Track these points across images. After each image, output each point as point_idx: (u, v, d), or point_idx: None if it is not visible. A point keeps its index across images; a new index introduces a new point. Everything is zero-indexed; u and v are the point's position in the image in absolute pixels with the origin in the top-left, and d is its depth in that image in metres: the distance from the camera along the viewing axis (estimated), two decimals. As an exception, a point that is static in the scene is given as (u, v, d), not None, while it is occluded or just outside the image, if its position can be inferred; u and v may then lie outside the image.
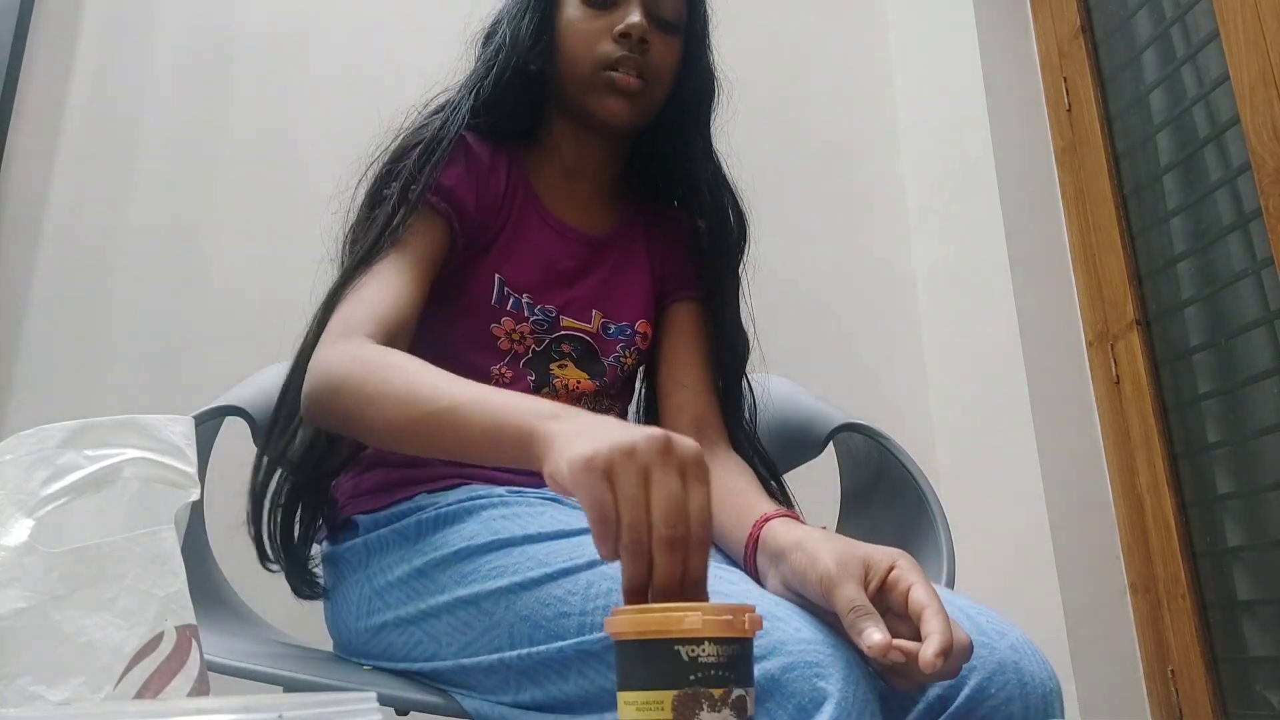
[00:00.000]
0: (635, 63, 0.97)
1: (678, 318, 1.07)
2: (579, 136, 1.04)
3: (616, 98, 0.97)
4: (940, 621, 0.61)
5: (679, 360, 1.04)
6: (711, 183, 1.05)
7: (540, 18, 1.00)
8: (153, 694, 0.54)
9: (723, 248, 1.05)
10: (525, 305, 0.97)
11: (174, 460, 0.58)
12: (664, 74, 1.00)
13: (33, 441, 0.57)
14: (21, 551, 0.53)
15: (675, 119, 1.04)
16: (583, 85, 0.98)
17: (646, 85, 0.98)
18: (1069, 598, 1.68)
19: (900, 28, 2.35)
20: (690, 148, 1.04)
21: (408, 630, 0.81)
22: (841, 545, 0.68)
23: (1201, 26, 1.65)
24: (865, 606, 0.62)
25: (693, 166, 1.05)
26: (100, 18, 1.88)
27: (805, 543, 0.69)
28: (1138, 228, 1.79)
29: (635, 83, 0.97)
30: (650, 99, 1.00)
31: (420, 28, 2.02)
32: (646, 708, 0.49)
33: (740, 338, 1.05)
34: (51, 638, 0.53)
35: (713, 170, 1.06)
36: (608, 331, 1.02)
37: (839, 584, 0.64)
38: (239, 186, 1.86)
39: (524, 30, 1.00)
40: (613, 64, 0.97)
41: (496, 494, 0.85)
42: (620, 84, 0.97)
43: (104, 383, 1.69)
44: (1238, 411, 1.58)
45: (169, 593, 0.56)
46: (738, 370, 1.04)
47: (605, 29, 0.97)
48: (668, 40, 1.00)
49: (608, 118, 0.98)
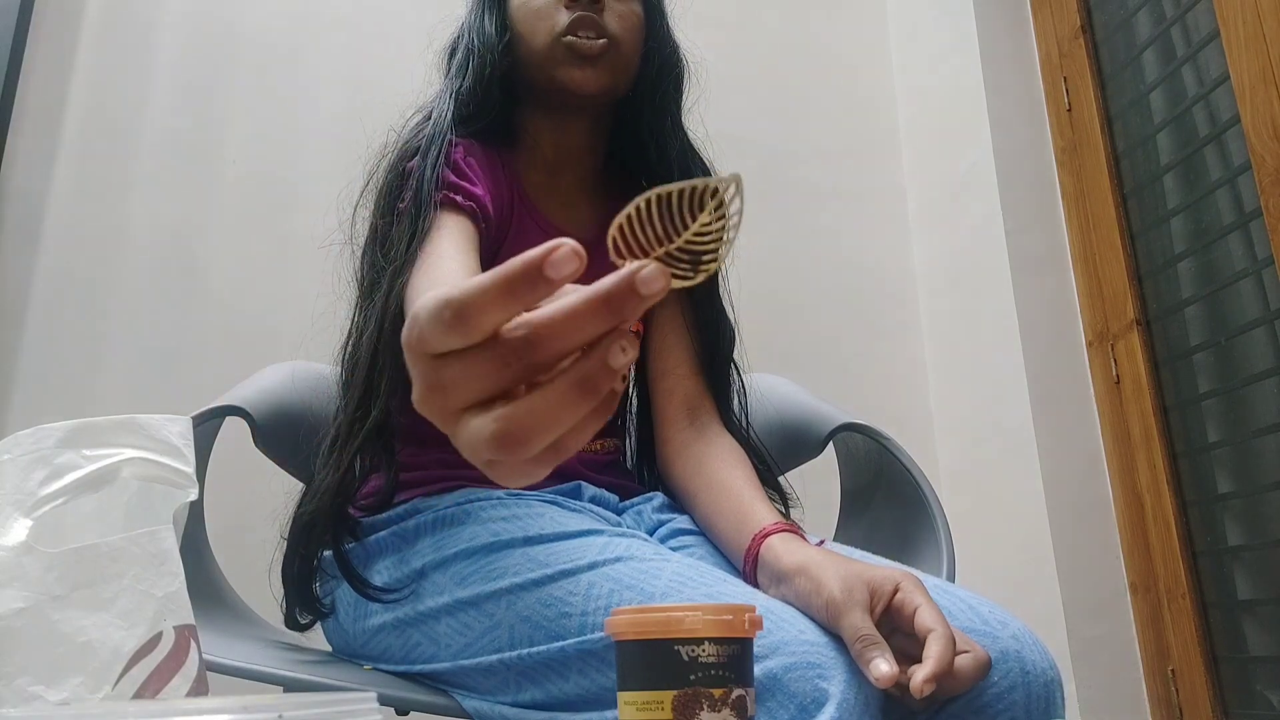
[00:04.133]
0: (591, 22, 0.95)
1: (660, 306, 1.06)
2: (555, 126, 1.03)
3: (580, 66, 0.95)
4: (940, 646, 0.61)
5: (666, 344, 1.04)
6: (680, 159, 1.04)
7: (499, 14, 1.00)
8: (151, 694, 0.54)
9: None
10: None
11: (172, 460, 0.58)
12: (626, 36, 0.98)
13: (31, 441, 0.57)
14: (20, 551, 0.53)
15: (648, 98, 1.03)
16: (545, 61, 0.97)
17: (609, 46, 0.96)
18: (1069, 598, 1.68)
19: (900, 28, 2.35)
20: (660, 125, 1.03)
21: (405, 632, 0.81)
22: (845, 568, 0.67)
23: (1201, 26, 1.65)
24: (872, 636, 0.62)
25: (663, 144, 1.03)
26: (100, 18, 1.88)
27: (808, 567, 0.69)
28: (1138, 228, 1.79)
29: (597, 45, 0.95)
30: (615, 62, 0.98)
31: (420, 28, 2.02)
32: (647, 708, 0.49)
33: (724, 322, 1.04)
34: (50, 637, 0.53)
35: (682, 146, 1.05)
36: None
37: (845, 612, 0.64)
38: (239, 186, 1.86)
39: (488, 29, 0.99)
40: (569, 29, 0.95)
41: (495, 496, 0.85)
42: (581, 49, 0.95)
43: (104, 383, 1.69)
44: (1238, 411, 1.57)
45: (167, 592, 0.56)
46: (725, 355, 1.03)
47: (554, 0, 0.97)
48: (624, 1, 0.99)
49: (576, 88, 0.96)
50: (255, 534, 0.93)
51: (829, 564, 0.69)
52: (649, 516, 0.95)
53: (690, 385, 1.01)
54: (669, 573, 0.70)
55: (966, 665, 0.63)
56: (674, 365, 1.02)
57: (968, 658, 0.63)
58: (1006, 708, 0.68)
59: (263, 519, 0.94)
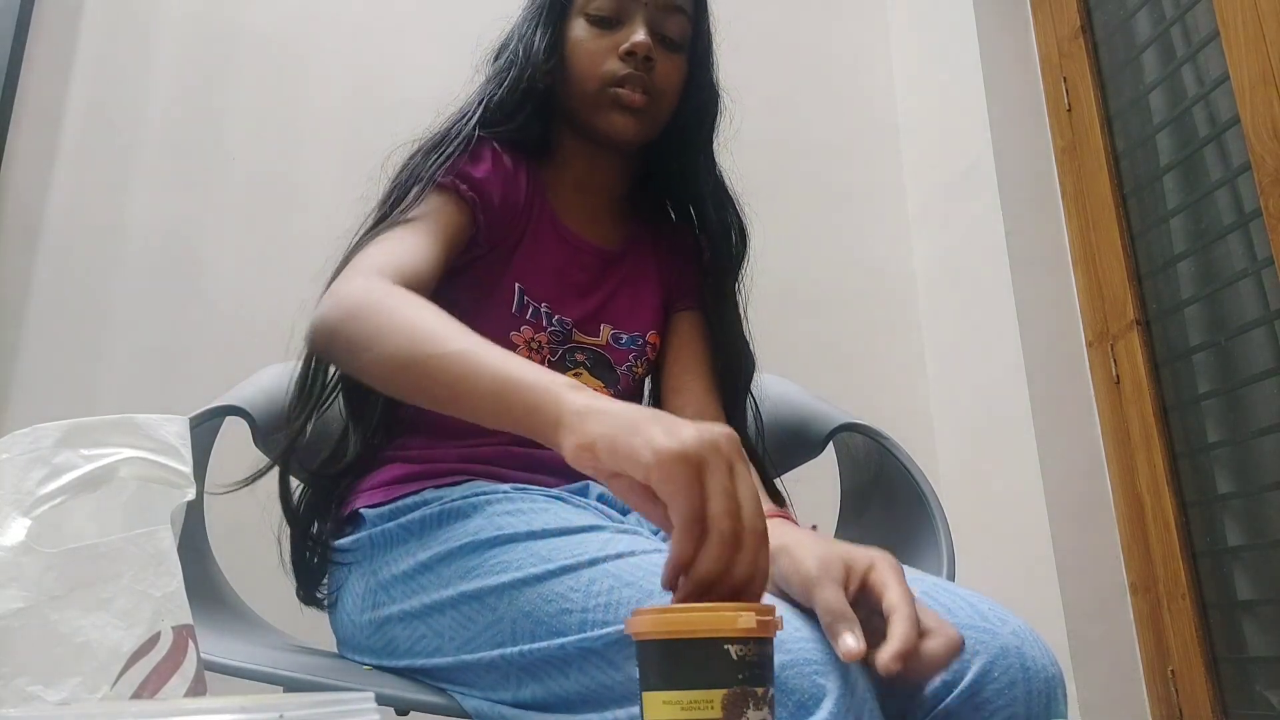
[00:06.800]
0: (640, 80, 0.99)
1: (681, 326, 1.09)
2: (589, 152, 1.06)
3: (622, 114, 1.00)
4: (904, 626, 0.61)
5: (682, 367, 1.06)
6: (715, 198, 1.08)
7: (551, 35, 1.03)
8: (150, 694, 0.54)
9: (725, 263, 1.08)
10: (544, 315, 0.99)
11: (170, 460, 0.58)
12: (668, 91, 1.03)
13: (28, 441, 0.57)
14: (18, 551, 0.53)
15: (680, 136, 1.07)
16: (590, 102, 1.01)
17: (651, 102, 1.01)
18: (1069, 598, 1.68)
19: (900, 28, 2.35)
20: (695, 165, 1.07)
21: (411, 624, 0.81)
22: (824, 547, 0.68)
23: (1201, 26, 1.65)
24: (842, 611, 0.63)
25: (697, 183, 1.08)
26: (100, 18, 1.88)
27: (791, 546, 0.70)
28: (1138, 228, 1.79)
29: (640, 99, 0.99)
30: (655, 115, 1.02)
31: (420, 28, 2.02)
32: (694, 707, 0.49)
33: (745, 353, 1.07)
34: (48, 637, 0.53)
35: (715, 186, 1.09)
36: (619, 342, 1.04)
37: (818, 586, 0.65)
38: (239, 186, 1.86)
39: (536, 46, 1.02)
40: (618, 81, 0.99)
41: (501, 490, 0.86)
42: (626, 100, 0.99)
43: (103, 383, 1.69)
44: (1238, 411, 1.57)
45: (165, 592, 0.56)
46: (742, 385, 1.06)
47: (611, 47, 1.00)
48: (672, 59, 1.03)
49: (614, 134, 1.01)
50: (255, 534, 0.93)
51: (810, 543, 0.70)
52: None
53: (704, 408, 1.02)
54: (667, 570, 0.70)
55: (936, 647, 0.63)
56: (690, 383, 1.04)
57: (938, 640, 0.63)
58: (1007, 704, 0.68)
59: (263, 519, 0.94)
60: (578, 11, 1.03)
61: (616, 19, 1.01)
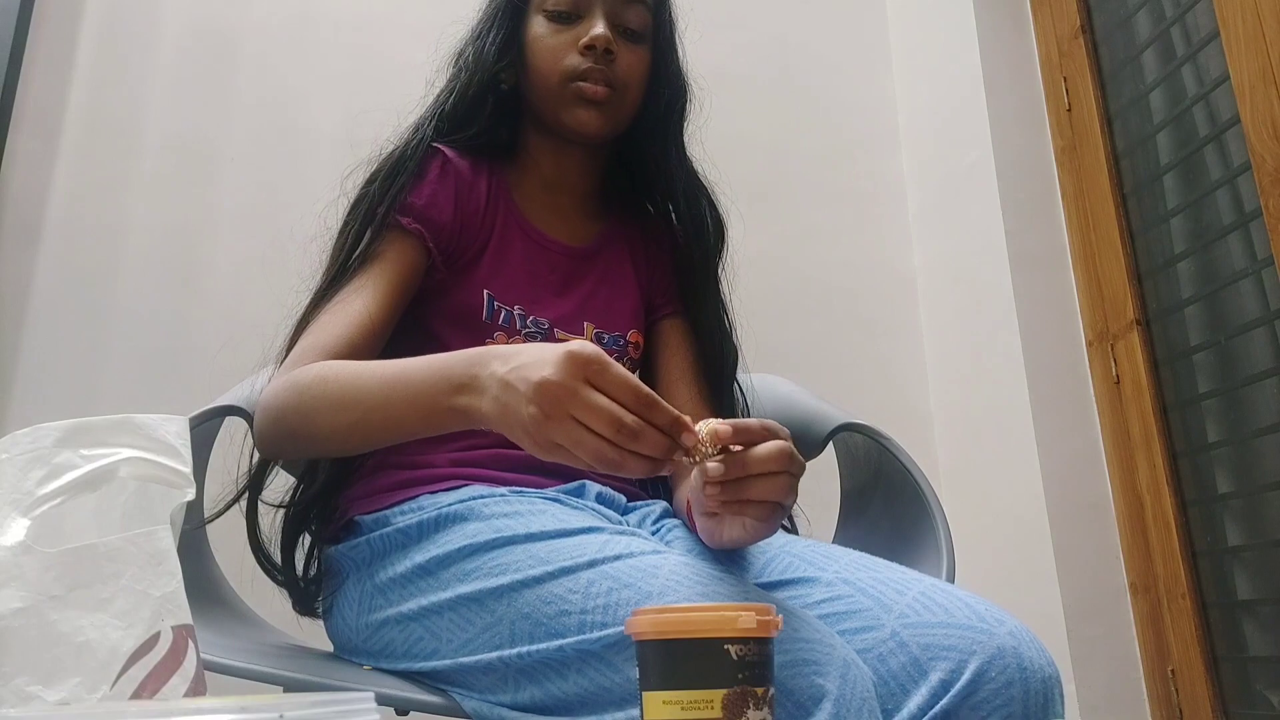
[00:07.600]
0: (601, 73, 0.99)
1: (665, 334, 1.09)
2: (555, 149, 1.06)
3: (586, 108, 1.00)
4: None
5: (670, 377, 1.06)
6: (687, 190, 1.07)
7: (505, 35, 1.03)
8: (149, 694, 0.54)
9: (701, 254, 1.07)
10: (518, 318, 0.98)
11: (169, 460, 0.58)
12: (631, 83, 1.02)
13: (28, 441, 0.57)
14: (18, 551, 0.53)
15: (649, 128, 1.06)
16: (552, 98, 1.01)
17: (615, 94, 1.00)
18: (1069, 598, 1.68)
19: (900, 28, 2.35)
20: (665, 155, 1.06)
21: (408, 627, 0.81)
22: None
23: (1201, 26, 1.65)
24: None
25: (669, 175, 1.07)
26: (100, 18, 1.88)
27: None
28: (1138, 227, 1.79)
29: (603, 92, 0.99)
30: (619, 108, 1.02)
31: (420, 28, 2.02)
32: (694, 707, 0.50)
33: (727, 346, 1.07)
34: (48, 637, 0.53)
35: (687, 177, 1.08)
36: (601, 342, 1.03)
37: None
38: (239, 186, 1.86)
39: (488, 47, 1.02)
40: (580, 75, 0.99)
41: (499, 494, 0.85)
42: (588, 94, 0.99)
43: (104, 383, 1.69)
44: (1238, 411, 1.57)
45: (165, 592, 0.56)
46: (727, 379, 1.06)
47: (570, 42, 1.00)
48: (634, 50, 1.02)
49: (579, 129, 1.00)
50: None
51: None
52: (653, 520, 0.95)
53: (688, 396, 1.02)
54: (665, 571, 0.70)
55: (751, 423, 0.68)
56: (679, 396, 1.04)
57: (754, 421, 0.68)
58: (1004, 704, 0.68)
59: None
60: (535, 9, 1.03)
61: (575, 13, 1.01)
